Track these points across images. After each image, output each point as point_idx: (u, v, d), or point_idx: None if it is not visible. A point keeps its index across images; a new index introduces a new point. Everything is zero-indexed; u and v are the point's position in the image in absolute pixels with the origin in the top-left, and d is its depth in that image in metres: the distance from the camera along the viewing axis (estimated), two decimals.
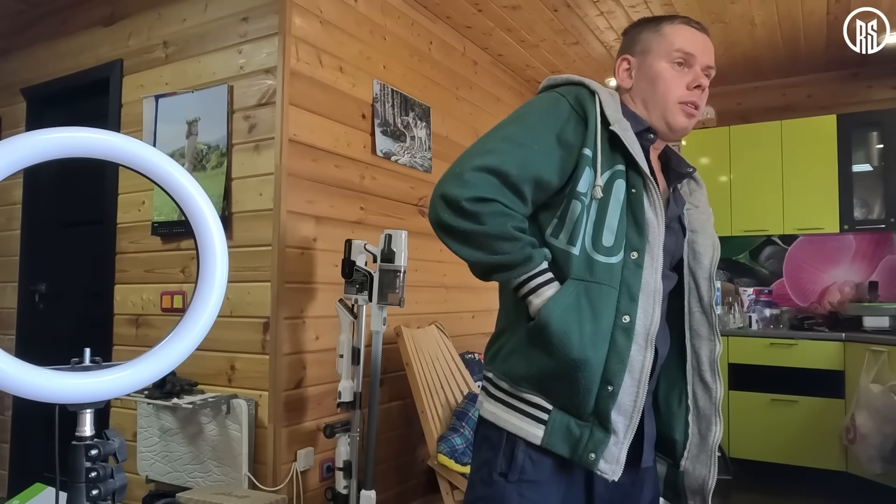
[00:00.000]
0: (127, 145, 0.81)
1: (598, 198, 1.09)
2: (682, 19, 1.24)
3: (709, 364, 1.22)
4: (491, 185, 1.07)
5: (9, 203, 3.47)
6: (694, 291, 1.25)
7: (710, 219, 1.31)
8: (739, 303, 4.30)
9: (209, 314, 0.84)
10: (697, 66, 1.21)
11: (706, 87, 1.23)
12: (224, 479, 2.43)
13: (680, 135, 1.25)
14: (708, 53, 1.23)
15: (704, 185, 1.36)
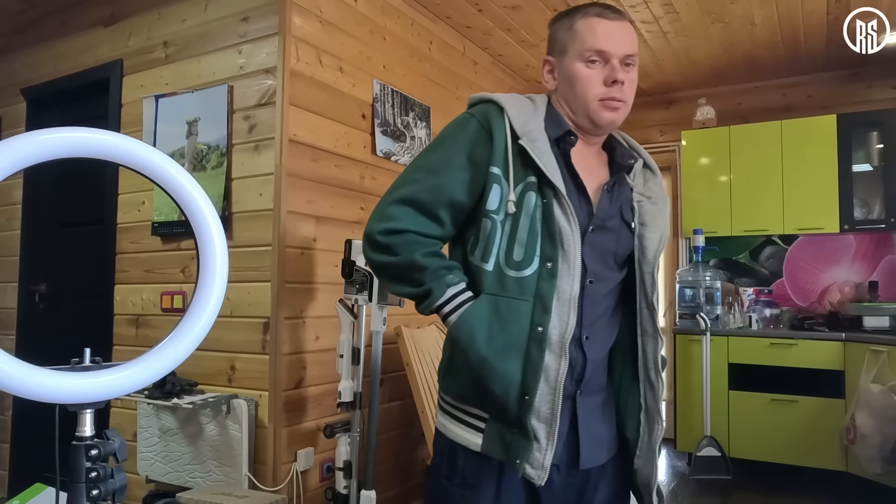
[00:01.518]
0: (127, 145, 0.81)
1: (511, 213, 1.13)
2: (594, 10, 1.19)
3: (653, 361, 1.21)
4: (407, 215, 1.15)
5: (9, 203, 3.47)
6: (642, 287, 1.24)
7: (662, 209, 1.27)
8: (739, 303, 4.30)
9: (209, 314, 0.84)
10: (614, 59, 1.16)
11: (626, 81, 1.18)
12: (224, 479, 2.43)
13: (609, 129, 1.23)
14: (625, 42, 1.18)
15: (660, 174, 1.33)
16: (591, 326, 1.17)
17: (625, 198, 1.24)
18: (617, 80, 1.16)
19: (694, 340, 4.11)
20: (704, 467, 3.86)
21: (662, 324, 4.88)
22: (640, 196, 1.26)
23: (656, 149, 4.90)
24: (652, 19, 3.57)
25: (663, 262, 4.91)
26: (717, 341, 4.04)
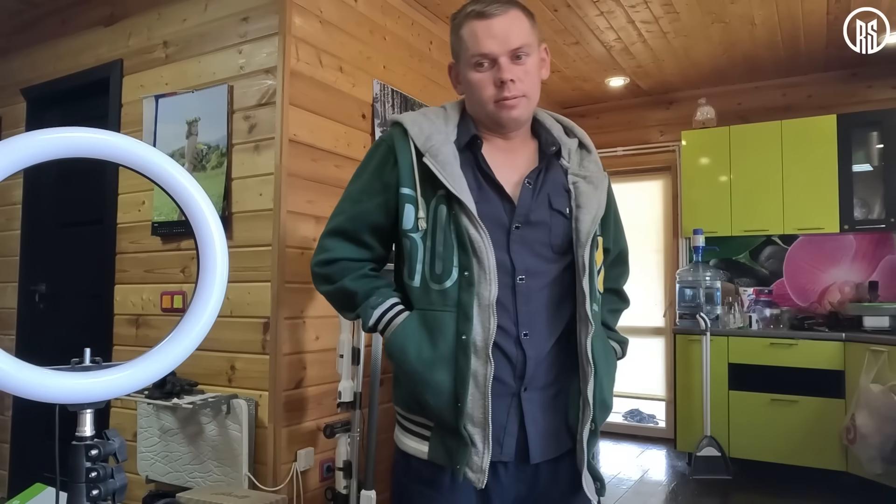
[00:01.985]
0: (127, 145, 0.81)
1: (424, 229, 1.18)
2: (473, 11, 1.18)
3: (584, 348, 1.18)
4: (337, 245, 1.25)
5: (9, 203, 3.47)
6: (580, 272, 1.21)
7: (599, 187, 1.24)
8: (739, 303, 4.30)
9: (209, 314, 0.84)
10: (501, 57, 1.16)
11: (518, 76, 1.17)
12: (224, 479, 2.43)
13: (517, 125, 1.23)
14: (508, 38, 1.16)
15: (595, 152, 1.31)
16: (530, 323, 1.16)
17: (554, 184, 1.23)
18: (504, 81, 1.16)
19: (694, 340, 4.11)
20: (704, 467, 3.86)
21: (662, 323, 4.88)
22: (576, 177, 1.24)
23: (656, 149, 4.91)
24: (652, 19, 3.57)
25: (663, 261, 4.91)
26: (717, 341, 4.04)
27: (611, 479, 3.90)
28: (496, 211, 1.18)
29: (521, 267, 1.17)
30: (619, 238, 1.39)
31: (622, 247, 1.41)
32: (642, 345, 5.04)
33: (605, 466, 4.19)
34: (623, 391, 5.12)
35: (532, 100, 1.21)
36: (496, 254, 1.15)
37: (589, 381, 1.17)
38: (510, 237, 1.17)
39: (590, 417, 1.17)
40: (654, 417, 5.02)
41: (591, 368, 1.17)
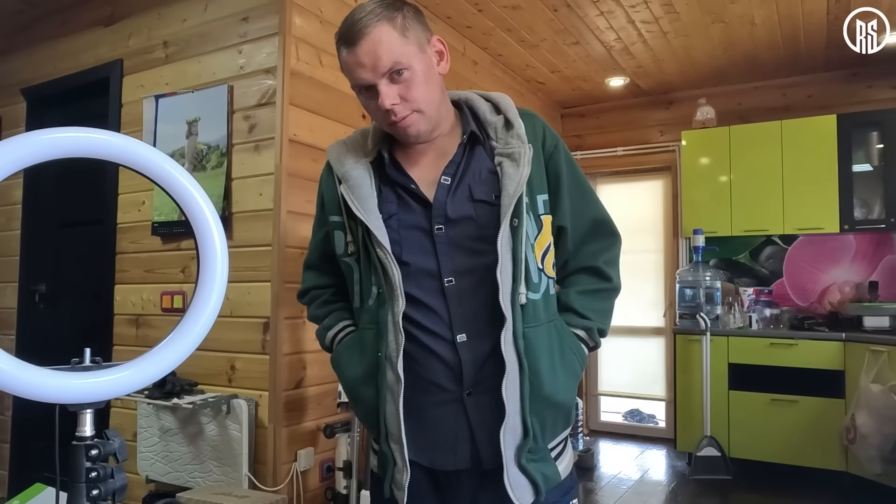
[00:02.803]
0: (127, 145, 0.81)
1: (354, 252, 1.20)
2: (342, 40, 1.12)
3: (500, 344, 1.11)
4: (308, 276, 1.35)
5: (9, 203, 3.47)
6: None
7: (519, 160, 1.14)
8: (739, 303, 4.30)
9: (209, 314, 0.84)
10: (377, 81, 1.09)
11: (399, 96, 1.10)
12: (224, 479, 2.43)
13: (419, 140, 1.17)
14: (377, 63, 1.08)
15: (519, 123, 1.19)
16: (467, 325, 1.12)
17: (477, 172, 1.16)
18: (384, 109, 1.10)
19: (694, 340, 4.11)
20: (704, 467, 3.86)
21: (662, 323, 4.88)
22: (501, 157, 1.16)
23: (656, 149, 4.91)
24: (652, 19, 3.57)
25: (663, 261, 4.91)
26: (717, 341, 4.04)
27: (611, 479, 3.90)
28: (416, 217, 1.15)
29: (448, 269, 1.13)
30: (586, 209, 1.26)
31: (595, 216, 1.26)
32: (642, 345, 5.04)
33: (605, 466, 4.19)
34: (623, 391, 5.12)
35: (427, 110, 1.14)
36: (420, 258, 1.13)
37: (505, 380, 1.09)
38: (435, 240, 1.14)
39: (505, 419, 1.09)
40: (654, 417, 5.03)
41: (512, 365, 1.09)
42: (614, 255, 1.29)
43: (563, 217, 1.22)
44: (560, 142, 1.25)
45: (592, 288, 1.26)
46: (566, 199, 1.22)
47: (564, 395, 1.17)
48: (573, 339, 1.21)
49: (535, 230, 1.17)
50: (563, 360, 1.17)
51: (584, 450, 4.16)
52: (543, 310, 1.16)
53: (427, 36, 1.15)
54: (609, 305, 1.29)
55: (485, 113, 1.22)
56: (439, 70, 1.18)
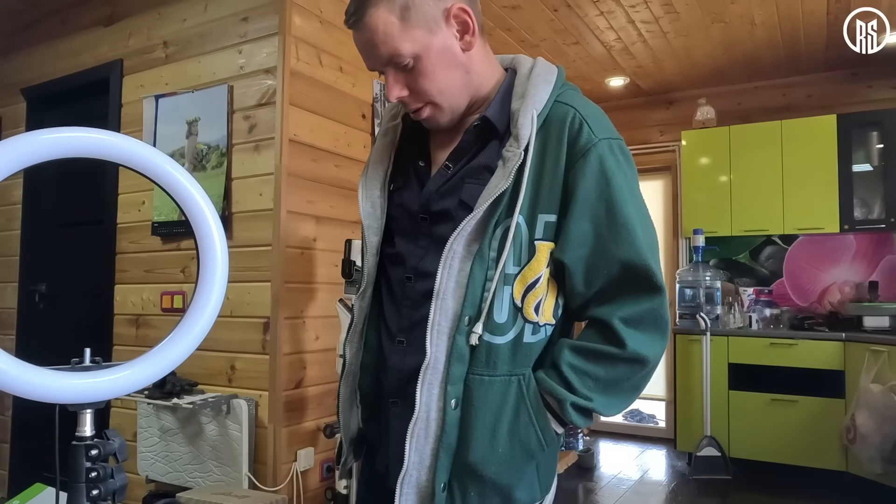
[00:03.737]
0: (127, 145, 0.81)
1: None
2: (345, 22, 1.00)
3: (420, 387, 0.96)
4: None
5: (9, 203, 3.47)
6: None
7: (507, 167, 0.91)
8: (739, 303, 4.30)
9: (209, 314, 0.84)
10: (386, 69, 0.98)
11: (407, 87, 0.97)
12: (224, 479, 2.43)
13: (438, 129, 1.03)
14: (375, 53, 0.96)
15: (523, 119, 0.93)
16: (410, 330, 0.98)
17: (479, 167, 0.97)
18: (394, 97, 0.98)
19: (694, 340, 4.11)
20: (704, 467, 3.86)
21: None
22: (501, 158, 0.95)
23: (656, 149, 4.91)
24: (652, 19, 3.57)
25: (663, 261, 4.91)
26: (717, 341, 4.04)
27: (611, 479, 3.90)
28: (411, 197, 1.02)
29: (414, 264, 0.99)
30: (616, 246, 0.92)
31: (626, 259, 0.92)
32: None
33: (605, 466, 4.19)
34: None
35: (442, 101, 0.98)
36: (403, 242, 1.02)
37: (412, 426, 0.92)
38: (418, 229, 1.00)
39: (405, 469, 0.92)
40: (654, 417, 5.02)
41: (424, 412, 0.91)
42: (642, 315, 0.92)
43: (567, 249, 0.92)
44: (601, 147, 0.92)
45: (594, 348, 0.93)
46: (578, 225, 0.92)
47: (497, 471, 0.91)
48: (538, 406, 0.93)
49: (524, 258, 0.93)
50: (513, 428, 0.92)
51: (584, 450, 4.16)
52: (507, 359, 0.92)
53: (444, 7, 0.94)
54: (616, 378, 0.92)
55: (516, 97, 0.98)
56: (462, 46, 0.96)
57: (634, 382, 0.94)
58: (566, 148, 0.92)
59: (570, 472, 3.57)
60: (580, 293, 0.94)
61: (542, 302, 0.94)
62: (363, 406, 1.09)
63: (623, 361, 0.91)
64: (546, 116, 0.94)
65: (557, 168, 0.93)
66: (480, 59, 1.00)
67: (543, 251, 0.93)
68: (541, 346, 0.95)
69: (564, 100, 0.96)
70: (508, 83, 1.00)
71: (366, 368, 1.08)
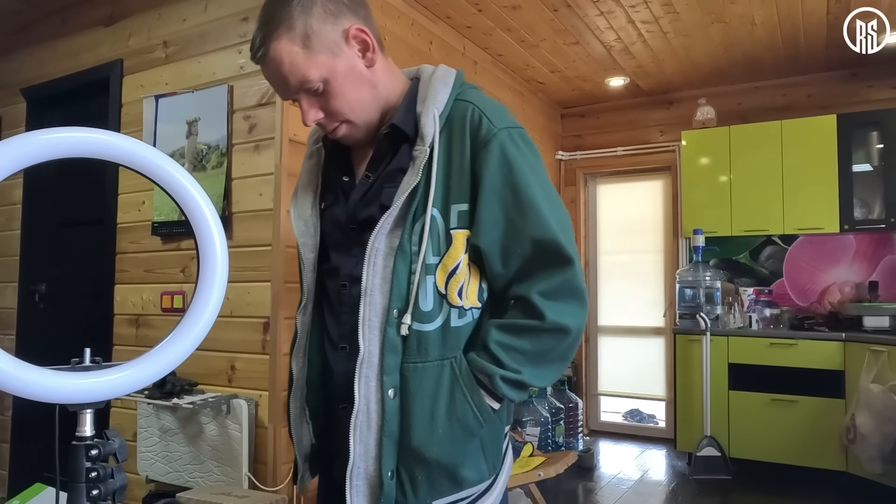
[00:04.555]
0: (127, 145, 0.81)
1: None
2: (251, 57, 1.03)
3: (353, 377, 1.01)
4: None
5: (9, 203, 3.47)
6: None
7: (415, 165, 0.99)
8: (739, 303, 4.30)
9: (209, 314, 0.84)
10: (298, 96, 1.02)
11: (320, 110, 1.02)
12: (224, 479, 2.43)
13: (357, 144, 1.10)
14: (285, 83, 1.00)
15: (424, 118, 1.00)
16: (352, 336, 1.00)
17: (394, 172, 1.03)
18: (310, 121, 1.03)
19: (694, 340, 4.11)
20: (704, 467, 3.86)
21: (662, 323, 4.88)
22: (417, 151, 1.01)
23: (656, 149, 4.91)
24: (652, 19, 3.57)
25: (663, 261, 4.91)
26: (717, 341, 4.04)
27: (611, 479, 3.90)
28: (340, 211, 1.08)
29: (347, 272, 1.04)
30: (525, 226, 0.97)
31: (537, 236, 0.97)
32: (642, 345, 5.04)
33: (605, 466, 4.19)
34: (623, 391, 5.12)
35: (356, 117, 1.03)
36: (337, 255, 1.07)
37: (354, 419, 0.97)
38: (350, 239, 1.05)
39: (351, 462, 0.97)
40: (654, 417, 5.03)
41: (362, 404, 0.96)
42: (557, 286, 0.97)
43: (481, 234, 0.98)
44: (501, 136, 0.99)
45: (517, 323, 0.98)
46: (488, 210, 0.98)
47: (440, 452, 0.96)
48: (471, 384, 0.97)
49: (442, 248, 0.98)
50: (450, 409, 0.96)
51: (584, 450, 4.16)
52: (438, 344, 0.97)
53: (342, 29, 1.00)
54: (542, 349, 0.98)
55: (419, 101, 1.04)
56: (365, 63, 1.02)
57: (561, 352, 1.00)
58: (469, 140, 0.99)
59: (570, 472, 3.56)
60: (500, 274, 1.00)
61: (465, 286, 1.00)
62: (313, 422, 1.14)
63: (545, 332, 0.97)
64: (448, 115, 1.01)
65: (463, 160, 0.99)
66: (384, 73, 1.07)
67: (460, 239, 0.99)
68: (469, 328, 1.01)
69: (464, 97, 1.03)
70: (413, 90, 1.07)
71: (311, 384, 1.12)
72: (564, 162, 5.24)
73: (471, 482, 1.00)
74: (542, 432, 3.89)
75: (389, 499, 0.96)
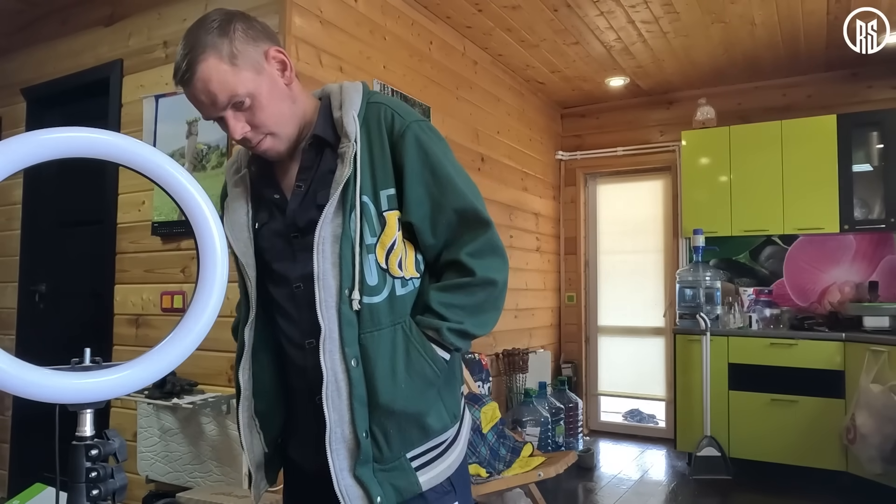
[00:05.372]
0: (127, 145, 0.81)
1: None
2: (175, 82, 1.14)
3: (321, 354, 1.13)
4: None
5: (9, 203, 3.47)
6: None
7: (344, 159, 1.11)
8: (739, 303, 4.30)
9: (209, 314, 0.84)
10: (224, 114, 1.12)
11: (245, 123, 1.12)
12: (224, 479, 2.43)
13: (280, 158, 1.18)
14: (214, 102, 1.11)
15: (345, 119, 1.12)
16: (314, 331, 1.10)
17: (324, 176, 1.14)
18: (238, 135, 1.12)
19: (694, 340, 4.11)
20: (704, 467, 3.86)
21: (662, 323, 4.88)
22: (338, 158, 1.13)
23: (656, 149, 4.91)
24: (652, 19, 3.57)
25: (663, 261, 4.91)
26: (717, 341, 4.04)
27: (611, 479, 3.90)
28: (278, 225, 1.18)
29: (298, 274, 1.14)
30: (445, 199, 1.12)
31: (457, 206, 1.13)
32: (642, 345, 5.04)
33: (605, 466, 4.19)
34: (623, 391, 5.12)
35: (279, 130, 1.13)
36: (282, 264, 1.17)
37: (325, 389, 1.07)
38: (294, 246, 1.16)
39: (328, 429, 1.07)
40: (654, 417, 5.03)
41: (331, 375, 1.07)
42: (480, 246, 1.13)
43: (410, 211, 1.12)
44: (413, 127, 1.13)
45: (452, 283, 1.13)
46: (413, 191, 1.12)
47: (406, 404, 1.09)
48: (423, 341, 1.11)
49: (377, 229, 1.11)
50: (408, 365, 1.09)
51: (584, 450, 4.16)
52: (387, 313, 1.10)
53: (263, 50, 1.12)
54: (477, 301, 1.13)
55: (335, 110, 1.16)
56: (284, 81, 1.14)
57: (492, 302, 1.16)
58: (386, 134, 1.13)
59: (570, 472, 3.56)
60: (431, 244, 1.15)
61: (403, 259, 1.14)
62: (265, 431, 1.23)
63: (477, 286, 1.12)
64: (364, 115, 1.14)
65: (384, 152, 1.12)
66: (300, 91, 1.19)
67: (392, 219, 1.12)
68: (412, 296, 1.15)
69: (374, 100, 1.17)
70: (325, 105, 1.19)
71: (260, 394, 1.22)
72: (564, 162, 5.24)
73: (436, 430, 1.13)
74: (542, 432, 3.89)
75: (367, 456, 1.07)
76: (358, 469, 1.07)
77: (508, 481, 2.74)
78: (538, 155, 4.87)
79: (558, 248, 5.18)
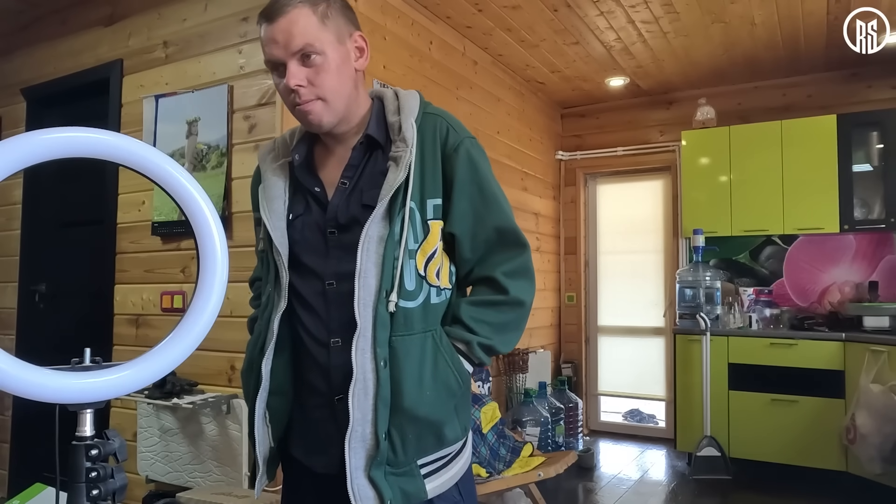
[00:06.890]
0: (127, 145, 0.81)
1: (262, 250, 1.25)
2: (261, 14, 1.13)
3: (351, 354, 1.12)
4: (256, 267, 1.39)
5: (9, 203, 3.47)
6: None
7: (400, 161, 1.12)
8: (739, 303, 4.30)
9: (209, 314, 0.84)
10: (288, 61, 1.10)
11: (305, 79, 1.11)
12: (224, 479, 2.43)
13: (322, 129, 1.17)
14: (290, 41, 1.09)
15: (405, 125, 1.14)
16: (341, 330, 1.11)
17: (372, 176, 1.15)
18: (290, 88, 1.11)
19: (694, 340, 4.11)
20: (704, 467, 3.86)
21: (662, 323, 4.88)
22: (390, 161, 1.14)
23: (656, 149, 4.91)
24: (652, 19, 3.57)
25: (663, 261, 4.91)
26: (717, 341, 4.04)
27: (611, 479, 3.90)
28: (317, 218, 1.17)
29: (332, 271, 1.13)
30: (488, 216, 1.17)
31: (498, 225, 1.17)
32: (642, 345, 5.04)
33: (605, 466, 4.19)
34: (623, 391, 5.12)
35: (332, 101, 1.13)
36: (313, 259, 1.15)
37: (353, 387, 1.07)
38: (328, 242, 1.15)
39: (350, 427, 1.07)
40: (654, 417, 5.03)
41: (360, 373, 1.07)
42: (516, 267, 1.18)
43: (454, 223, 1.15)
44: (466, 143, 1.17)
45: (484, 299, 1.17)
46: (459, 204, 1.15)
47: (429, 411, 1.10)
48: (451, 352, 1.14)
49: (420, 236, 1.12)
50: (435, 374, 1.11)
51: (584, 450, 4.16)
52: (420, 319, 1.11)
53: (350, 30, 1.17)
54: (505, 320, 1.17)
55: (390, 114, 1.19)
56: (356, 65, 1.18)
57: (518, 322, 1.20)
58: (440, 146, 1.16)
59: (570, 472, 3.56)
60: (468, 259, 1.17)
61: (441, 269, 1.16)
62: (273, 425, 1.20)
63: (508, 306, 1.17)
64: (420, 124, 1.16)
65: (436, 162, 1.15)
66: (362, 83, 1.22)
67: (436, 228, 1.15)
68: (444, 306, 1.17)
69: (430, 111, 1.20)
70: (379, 107, 1.22)
71: (275, 389, 1.18)
72: (564, 162, 5.24)
73: (450, 441, 1.15)
74: (542, 432, 3.89)
75: (383, 457, 1.08)
76: (373, 470, 1.07)
77: (508, 481, 2.74)
78: (538, 155, 4.87)
79: (558, 248, 5.18)
